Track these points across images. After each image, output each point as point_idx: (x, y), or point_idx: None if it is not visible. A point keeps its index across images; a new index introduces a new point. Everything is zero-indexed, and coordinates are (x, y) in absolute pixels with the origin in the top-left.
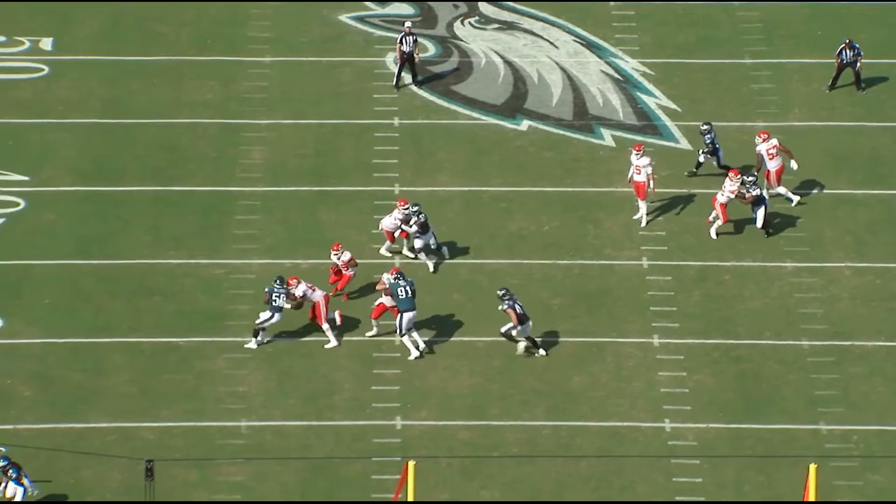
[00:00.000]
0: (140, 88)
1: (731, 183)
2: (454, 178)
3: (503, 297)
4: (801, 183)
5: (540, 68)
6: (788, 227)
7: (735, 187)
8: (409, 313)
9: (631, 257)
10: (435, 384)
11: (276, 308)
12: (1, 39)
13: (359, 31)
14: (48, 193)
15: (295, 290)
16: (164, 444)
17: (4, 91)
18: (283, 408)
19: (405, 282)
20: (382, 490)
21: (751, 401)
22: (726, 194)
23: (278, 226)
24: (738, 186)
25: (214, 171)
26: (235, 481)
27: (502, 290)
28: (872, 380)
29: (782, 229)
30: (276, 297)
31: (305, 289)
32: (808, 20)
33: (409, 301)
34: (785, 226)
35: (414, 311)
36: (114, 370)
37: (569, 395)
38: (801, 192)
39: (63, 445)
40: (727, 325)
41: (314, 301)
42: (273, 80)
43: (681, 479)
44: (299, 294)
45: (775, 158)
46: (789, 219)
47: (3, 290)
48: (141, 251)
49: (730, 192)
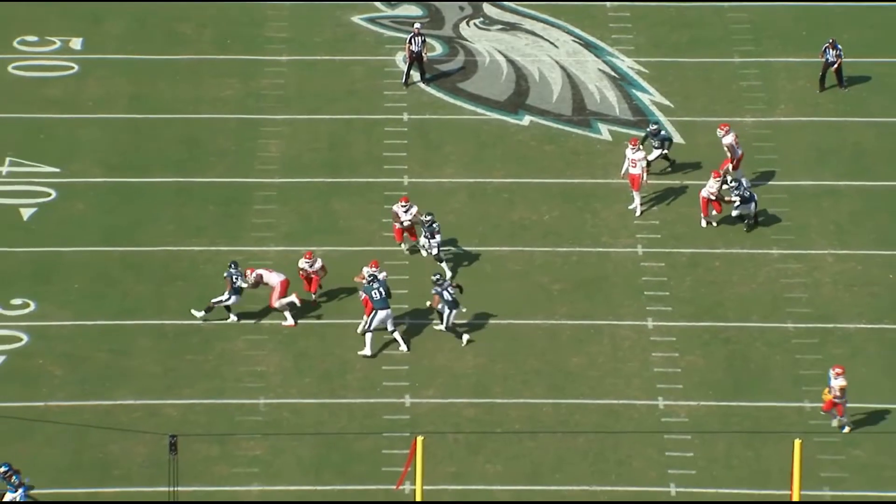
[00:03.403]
0: (164, 86)
1: (714, 182)
2: (460, 170)
3: (435, 282)
4: (788, 175)
5: (541, 67)
6: (775, 216)
7: (715, 188)
8: (383, 311)
9: (626, 245)
10: (442, 364)
11: (234, 290)
12: (33, 39)
13: (370, 32)
14: (78, 184)
15: (251, 274)
16: (187, 421)
17: (37, 88)
18: (298, 386)
19: (378, 283)
20: (392, 464)
21: (739, 380)
22: (707, 192)
23: (294, 215)
24: (717, 187)
25: (234, 163)
26: (254, 455)
27: (436, 275)
28: (853, 360)
29: (769, 218)
30: (235, 279)
31: (262, 272)
32: (793, 21)
33: (383, 301)
34: (772, 215)
35: (388, 309)
36: (139, 351)
37: (568, 374)
38: (787, 184)
39: (92, 421)
40: (717, 308)
41: (271, 284)
42: (289, 78)
43: (673, 454)
44: (254, 277)
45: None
46: (776, 209)
47: (36, 275)
48: (165, 239)
49: (710, 191)
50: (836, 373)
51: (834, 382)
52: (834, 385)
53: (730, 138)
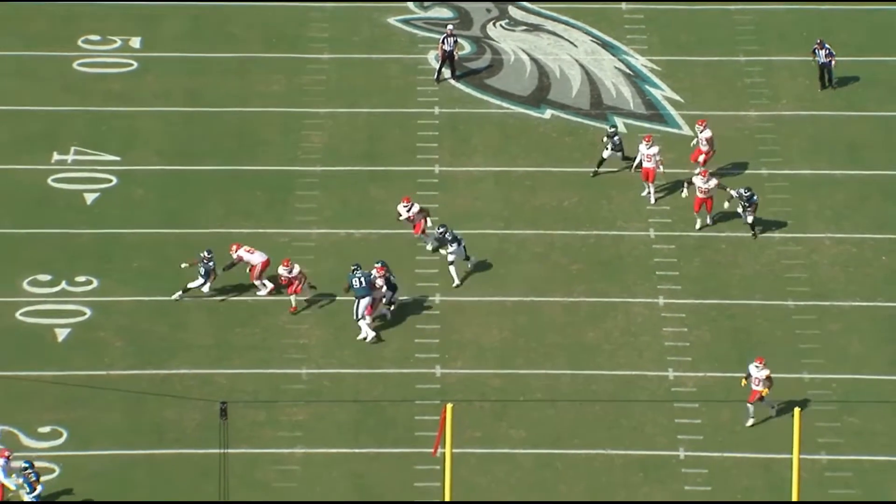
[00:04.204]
0: (216, 81)
1: (702, 181)
2: (487, 159)
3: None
4: (789, 165)
5: (561, 64)
6: (777, 203)
7: (705, 186)
8: (363, 300)
9: (639, 228)
10: (469, 338)
11: (205, 275)
12: (96, 39)
13: (404, 32)
14: (137, 172)
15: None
16: (236, 388)
17: (99, 83)
18: (338, 357)
19: (361, 273)
20: (424, 429)
21: (743, 353)
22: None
23: (334, 200)
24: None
25: (279, 152)
26: (297, 420)
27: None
28: (849, 335)
29: (772, 204)
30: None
31: (243, 253)
32: (794, 23)
33: (363, 290)
34: (774, 202)
35: (367, 297)
36: (193, 325)
37: (585, 347)
38: (788, 173)
39: (149, 389)
40: (723, 287)
41: (252, 263)
42: (330, 75)
43: (682, 421)
44: (235, 257)
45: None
46: (778, 196)
47: (99, 255)
48: (216, 222)
49: (701, 191)
50: (759, 364)
51: (758, 373)
52: (759, 376)
53: (709, 132)
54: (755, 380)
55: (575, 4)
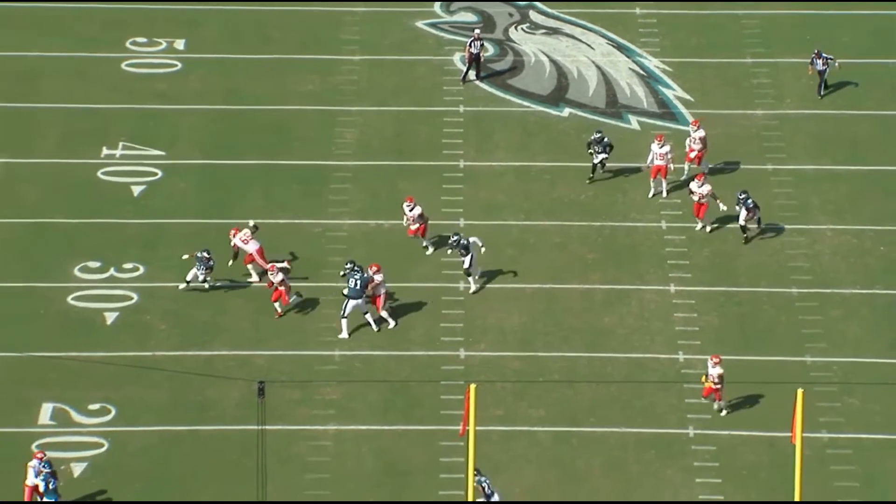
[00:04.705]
0: (254, 81)
1: (697, 185)
2: (508, 154)
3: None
4: (793, 160)
5: (579, 66)
6: (782, 196)
7: (703, 190)
8: (353, 300)
9: (652, 220)
10: (492, 322)
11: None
12: (143, 41)
13: (431, 35)
14: (180, 165)
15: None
16: (274, 369)
17: (146, 83)
18: (369, 340)
19: (358, 274)
20: (449, 407)
21: (749, 337)
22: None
23: (365, 193)
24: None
25: (314, 148)
26: (330, 399)
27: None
28: (849, 321)
29: (777, 197)
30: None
31: (237, 241)
32: (799, 27)
33: (355, 291)
34: (779, 196)
35: (358, 299)
36: (232, 309)
37: (601, 331)
38: (792, 168)
39: (192, 369)
40: (731, 275)
41: (247, 251)
42: (361, 75)
43: (691, 401)
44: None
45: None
46: (783, 190)
47: (145, 243)
48: (254, 213)
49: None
50: (714, 362)
51: (712, 371)
52: (713, 373)
53: (703, 132)
54: (711, 376)
55: (592, 9)
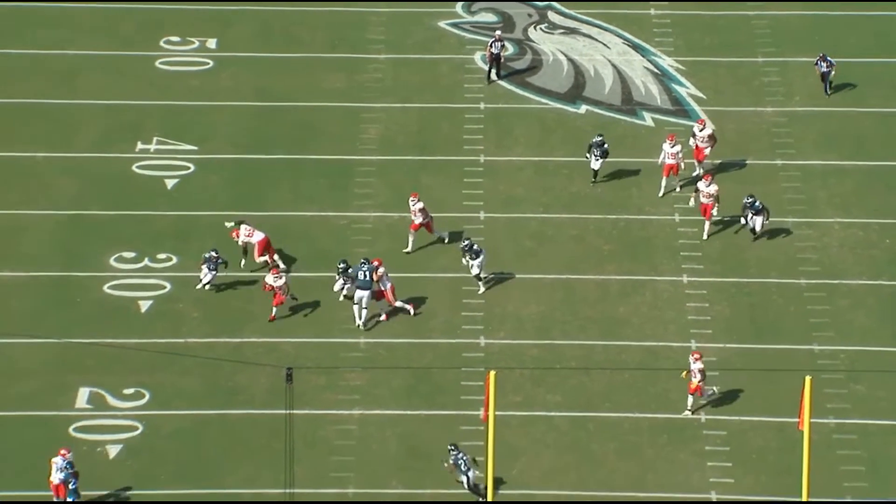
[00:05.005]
0: (283, 79)
1: (705, 185)
2: (527, 150)
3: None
4: (801, 156)
5: (595, 64)
6: (791, 191)
7: (709, 190)
8: (362, 291)
9: (665, 213)
10: (511, 311)
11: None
12: (176, 40)
13: (453, 35)
14: (212, 160)
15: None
16: (301, 356)
17: (179, 80)
18: (392, 328)
19: (368, 266)
20: (469, 393)
21: (759, 327)
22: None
23: (389, 187)
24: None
25: (340, 143)
26: (355, 385)
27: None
28: (855, 310)
29: (786, 192)
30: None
31: (244, 237)
32: (807, 27)
33: (364, 282)
34: (788, 190)
35: (367, 290)
36: (262, 298)
37: (616, 321)
38: (801, 163)
39: (223, 356)
40: (741, 267)
41: (253, 243)
42: (386, 73)
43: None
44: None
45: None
46: (791, 185)
47: (177, 235)
48: (283, 206)
49: (704, 196)
50: (695, 357)
51: (693, 366)
52: (693, 368)
53: (709, 130)
54: (692, 372)
55: (608, 10)
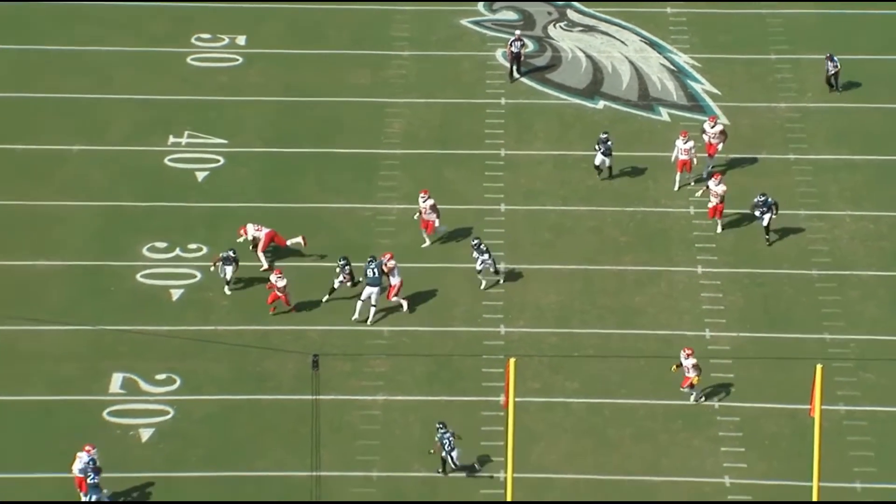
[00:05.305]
0: (310, 74)
1: (714, 183)
2: (546, 144)
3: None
4: (813, 150)
5: (613, 61)
6: (803, 184)
7: (718, 189)
8: (371, 288)
9: (680, 206)
10: (530, 300)
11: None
12: (207, 37)
13: (475, 33)
14: (241, 153)
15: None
16: (327, 343)
17: (209, 76)
18: (415, 317)
19: (375, 263)
20: (490, 380)
21: (772, 316)
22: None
23: (412, 180)
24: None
25: (365, 137)
26: (379, 371)
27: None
28: (865, 301)
29: (798, 185)
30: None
31: (254, 232)
32: (819, 26)
33: (375, 279)
34: (800, 184)
35: (377, 287)
36: (289, 286)
37: (632, 310)
38: (813, 158)
39: (251, 342)
40: (754, 258)
41: (260, 238)
42: (410, 69)
43: (717, 375)
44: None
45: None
46: (804, 178)
47: (208, 226)
48: (310, 197)
49: (713, 195)
50: (687, 353)
51: (686, 362)
52: (686, 364)
53: (720, 126)
54: (685, 367)
55: (625, 8)
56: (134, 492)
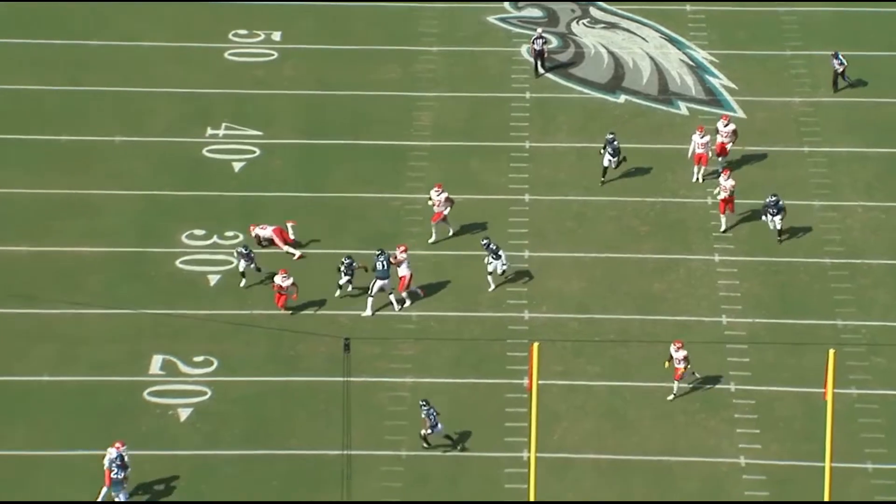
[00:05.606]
0: (342, 69)
1: (724, 179)
2: (569, 136)
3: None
4: (827, 143)
5: (634, 56)
6: (817, 176)
7: (727, 184)
8: (381, 281)
9: (698, 197)
10: (553, 287)
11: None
12: (243, 33)
13: (501, 29)
14: (276, 144)
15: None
16: (357, 327)
17: (246, 70)
18: (443, 303)
19: (384, 256)
20: (514, 363)
21: (786, 303)
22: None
23: (440, 171)
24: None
25: (395, 129)
26: (408, 355)
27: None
28: (876, 288)
29: (812, 177)
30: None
31: (258, 231)
32: (833, 23)
33: (383, 272)
34: (814, 175)
35: (386, 279)
36: (320, 273)
37: (651, 296)
38: (826, 150)
39: (285, 327)
40: (769, 247)
41: (267, 235)
42: (438, 64)
43: (733, 359)
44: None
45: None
46: (818, 170)
47: (244, 214)
48: (342, 187)
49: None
50: (677, 346)
51: (676, 354)
52: (677, 356)
53: (733, 125)
54: (676, 360)
55: (646, 6)
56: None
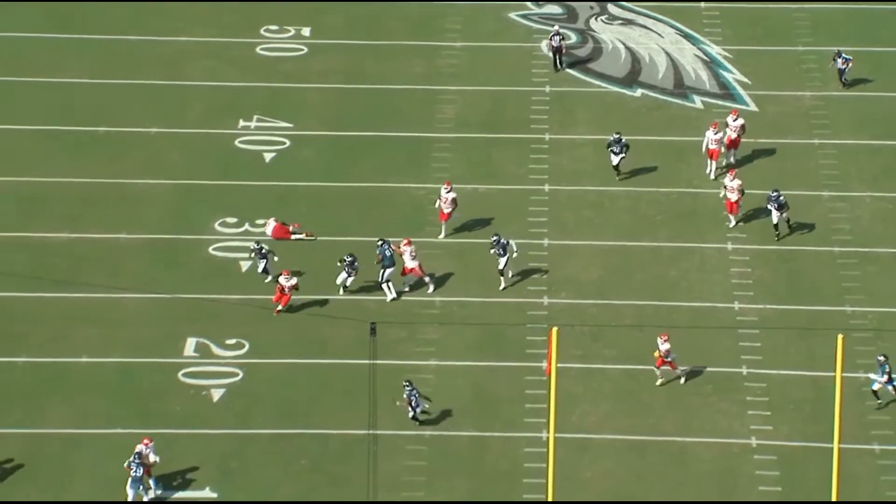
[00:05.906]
0: (369, 64)
1: (729, 179)
2: (588, 129)
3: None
4: (837, 136)
5: (650, 52)
6: (827, 167)
7: (733, 185)
8: (388, 269)
9: (711, 187)
10: (571, 274)
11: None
12: (274, 28)
13: (522, 25)
14: (305, 136)
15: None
16: (382, 311)
17: (276, 64)
18: (465, 288)
19: (386, 245)
20: (534, 347)
21: (796, 290)
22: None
23: (462, 162)
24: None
25: (419, 121)
26: (431, 338)
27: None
28: (883, 276)
29: (822, 169)
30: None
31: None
32: (844, 20)
33: (389, 261)
34: (824, 167)
35: (392, 267)
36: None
37: (666, 283)
38: (836, 142)
39: (313, 311)
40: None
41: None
42: (461, 59)
43: (745, 344)
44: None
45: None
46: (828, 162)
47: (275, 202)
48: (368, 177)
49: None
50: (663, 339)
51: (662, 346)
52: (662, 348)
53: (741, 121)
54: (661, 352)
55: (662, 3)
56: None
